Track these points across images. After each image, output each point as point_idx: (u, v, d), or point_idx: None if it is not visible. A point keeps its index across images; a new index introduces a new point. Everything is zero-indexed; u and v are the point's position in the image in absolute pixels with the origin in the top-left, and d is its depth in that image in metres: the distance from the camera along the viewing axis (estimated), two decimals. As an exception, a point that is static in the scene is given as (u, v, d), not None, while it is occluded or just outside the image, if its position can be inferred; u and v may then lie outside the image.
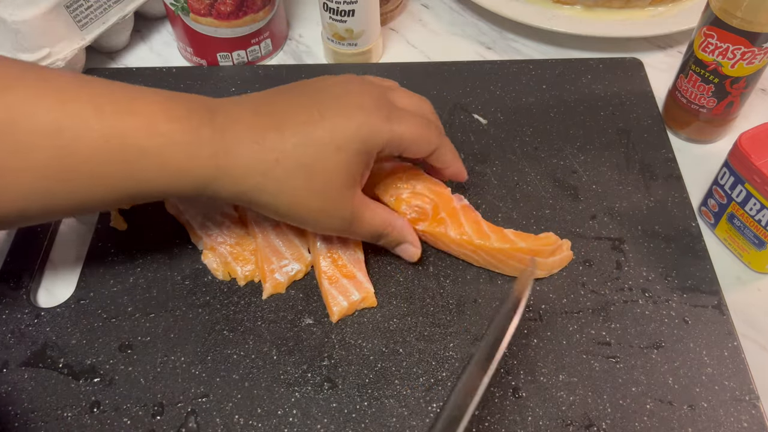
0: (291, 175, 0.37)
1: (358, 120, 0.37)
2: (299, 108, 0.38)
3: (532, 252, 0.43)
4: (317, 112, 0.37)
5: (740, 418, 0.38)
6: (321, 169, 0.37)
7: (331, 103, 0.38)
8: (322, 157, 0.37)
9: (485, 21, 0.66)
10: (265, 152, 0.36)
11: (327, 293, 0.43)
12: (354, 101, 0.38)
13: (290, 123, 0.37)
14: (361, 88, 0.40)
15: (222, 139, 0.36)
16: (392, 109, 0.39)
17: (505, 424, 0.38)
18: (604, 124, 0.54)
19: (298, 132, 0.37)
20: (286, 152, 0.36)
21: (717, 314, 0.43)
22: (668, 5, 0.61)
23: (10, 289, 0.45)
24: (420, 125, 0.40)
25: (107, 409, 0.39)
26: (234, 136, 0.36)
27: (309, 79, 0.41)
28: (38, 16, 0.52)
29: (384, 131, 0.38)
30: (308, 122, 0.37)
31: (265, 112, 0.38)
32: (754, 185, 0.42)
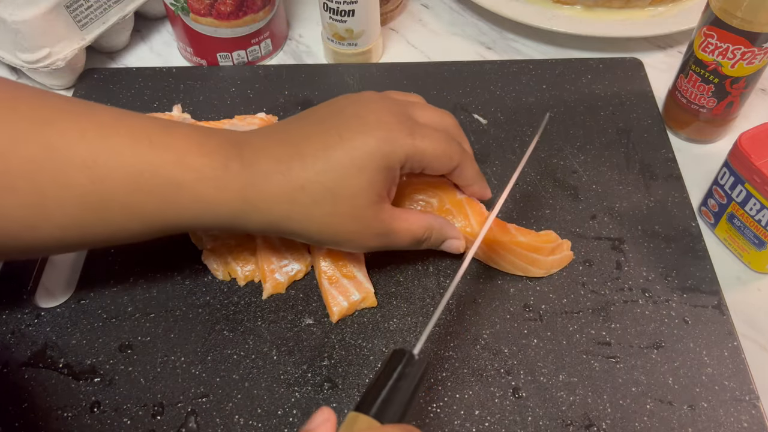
0: (317, 201, 0.37)
1: (377, 137, 0.37)
2: (319, 134, 0.38)
3: (532, 248, 0.43)
4: (336, 134, 0.37)
5: (740, 418, 0.38)
6: (346, 191, 0.37)
7: (350, 122, 0.38)
8: (345, 179, 0.37)
9: (485, 21, 0.66)
10: (290, 181, 0.36)
11: (327, 293, 0.43)
12: (373, 118, 0.38)
13: (311, 149, 0.37)
14: (381, 104, 0.39)
15: (249, 172, 0.36)
16: (413, 125, 0.39)
17: (505, 424, 0.38)
18: (604, 124, 0.54)
19: (320, 157, 0.37)
20: (309, 179, 0.36)
21: (717, 314, 0.43)
22: (668, 5, 0.61)
23: (10, 289, 0.45)
24: (442, 140, 0.40)
25: (107, 409, 0.39)
26: (260, 169, 0.36)
27: (330, 101, 0.41)
28: (38, 16, 0.52)
29: (405, 146, 0.38)
30: (328, 146, 0.37)
31: (287, 142, 0.38)
32: (754, 185, 0.42)
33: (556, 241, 0.44)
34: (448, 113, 0.44)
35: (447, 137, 0.41)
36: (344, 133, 0.37)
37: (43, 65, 0.54)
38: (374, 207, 0.38)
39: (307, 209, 0.37)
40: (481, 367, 0.41)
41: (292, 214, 0.37)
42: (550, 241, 0.44)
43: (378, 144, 0.37)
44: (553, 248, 0.44)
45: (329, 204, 0.37)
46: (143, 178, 0.34)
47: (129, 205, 0.35)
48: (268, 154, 0.37)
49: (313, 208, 0.37)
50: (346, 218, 0.38)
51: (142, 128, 0.36)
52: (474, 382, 0.40)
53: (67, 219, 0.34)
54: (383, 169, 0.37)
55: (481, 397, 0.39)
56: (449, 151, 0.40)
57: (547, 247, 0.44)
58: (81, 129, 0.34)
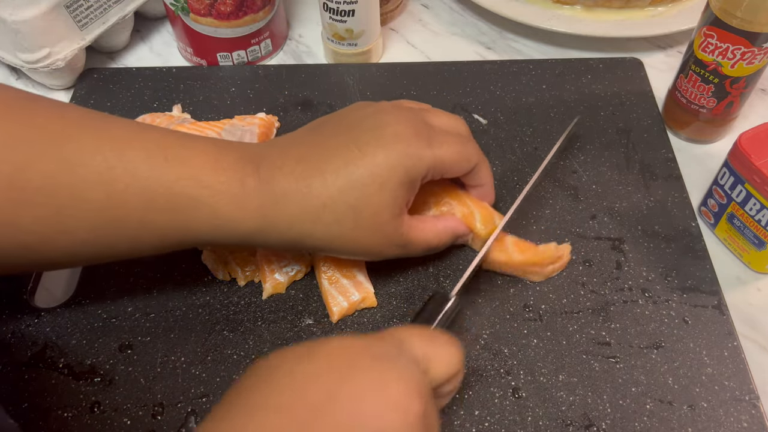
0: (339, 218, 0.37)
1: (398, 151, 0.37)
2: (339, 148, 0.37)
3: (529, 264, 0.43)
4: (357, 149, 0.37)
5: (740, 418, 0.38)
6: (368, 208, 0.37)
7: (369, 137, 0.38)
8: (367, 196, 0.37)
9: (485, 21, 0.66)
10: (311, 200, 0.36)
11: (327, 293, 0.43)
12: (391, 132, 0.38)
13: (332, 166, 0.37)
14: (397, 116, 0.39)
15: (268, 190, 0.36)
16: (430, 133, 0.39)
17: (505, 424, 0.38)
18: (604, 124, 0.54)
19: (341, 175, 0.36)
20: (331, 197, 0.36)
21: (717, 314, 0.43)
22: (668, 5, 0.61)
23: (10, 289, 0.45)
24: (460, 144, 0.40)
25: (107, 409, 0.39)
26: (279, 187, 0.36)
27: (343, 110, 0.41)
28: (38, 16, 0.52)
29: (426, 158, 0.38)
30: (349, 162, 0.37)
31: (305, 158, 0.37)
32: (754, 185, 0.42)
33: (555, 255, 0.44)
34: (458, 117, 0.44)
35: (463, 140, 0.41)
36: (364, 147, 0.37)
37: (43, 65, 0.54)
38: (396, 221, 0.38)
39: (330, 227, 0.37)
40: (481, 367, 0.41)
41: (314, 233, 0.37)
42: (548, 257, 0.43)
43: (400, 159, 0.37)
44: (553, 260, 0.44)
45: (352, 221, 0.37)
46: (158, 194, 0.34)
47: (145, 220, 0.35)
48: (286, 172, 0.37)
49: (335, 226, 0.37)
50: (368, 233, 0.38)
51: (157, 143, 0.35)
52: (474, 382, 0.40)
53: (84, 234, 0.34)
54: (405, 183, 0.37)
55: (481, 397, 0.39)
56: (467, 153, 0.40)
57: (546, 262, 0.43)
58: (97, 144, 0.34)
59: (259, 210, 0.36)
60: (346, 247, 0.38)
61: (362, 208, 0.37)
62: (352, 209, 0.37)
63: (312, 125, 0.41)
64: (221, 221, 0.36)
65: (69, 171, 0.33)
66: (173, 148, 0.35)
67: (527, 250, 0.43)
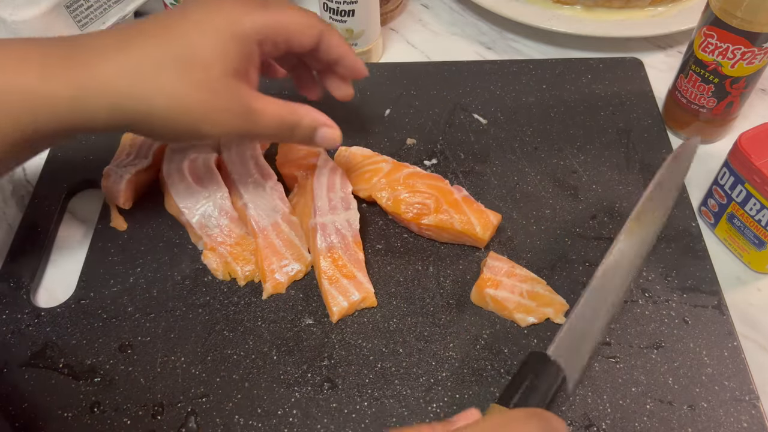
0: (162, 69, 0.34)
1: (225, 8, 0.36)
2: (165, 17, 0.36)
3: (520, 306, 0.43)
4: (182, 14, 0.36)
5: (740, 418, 0.38)
6: (196, 58, 0.34)
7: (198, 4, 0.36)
8: (194, 46, 0.34)
9: (485, 21, 0.66)
10: (130, 53, 0.34)
11: (327, 293, 0.43)
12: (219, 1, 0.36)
13: (156, 28, 0.35)
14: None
15: (80, 54, 0.34)
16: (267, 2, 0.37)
17: (505, 424, 0.38)
18: (604, 124, 0.54)
19: (166, 27, 0.35)
20: (153, 48, 0.34)
21: (717, 314, 0.43)
22: (668, 5, 0.61)
23: (10, 289, 0.45)
24: (299, 12, 0.38)
25: (107, 409, 0.39)
26: (95, 50, 0.34)
27: None
28: (38, 16, 0.52)
29: (256, 15, 0.36)
30: (172, 23, 0.35)
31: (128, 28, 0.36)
32: (754, 185, 0.42)
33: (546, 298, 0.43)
34: None
35: (304, 10, 0.39)
36: (190, 10, 0.36)
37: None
38: (231, 80, 0.36)
39: (153, 80, 0.34)
40: (481, 367, 0.41)
41: (134, 89, 0.34)
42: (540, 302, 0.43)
43: (228, 13, 0.35)
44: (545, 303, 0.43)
45: (176, 71, 0.34)
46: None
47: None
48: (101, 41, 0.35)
49: (159, 78, 0.34)
50: (198, 89, 0.35)
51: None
52: (474, 382, 0.40)
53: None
54: (237, 38, 0.35)
55: (481, 397, 0.39)
56: (308, 20, 0.39)
57: None
58: None
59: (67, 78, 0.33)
60: (171, 109, 0.35)
61: (188, 58, 0.34)
62: (178, 58, 0.34)
63: None
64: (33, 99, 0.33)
65: None
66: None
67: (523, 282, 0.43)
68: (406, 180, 0.46)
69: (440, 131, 0.53)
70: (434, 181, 0.46)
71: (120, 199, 0.47)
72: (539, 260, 0.45)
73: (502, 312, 0.42)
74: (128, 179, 0.47)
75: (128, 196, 0.47)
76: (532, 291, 0.42)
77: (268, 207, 0.45)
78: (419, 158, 0.51)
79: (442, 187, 0.46)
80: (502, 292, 0.42)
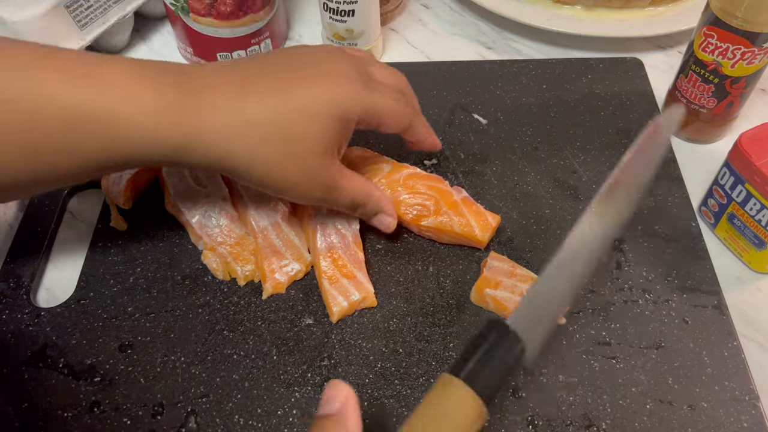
0: (265, 141, 0.36)
1: (335, 87, 0.37)
2: (276, 74, 0.37)
3: None
4: (293, 79, 0.36)
5: (740, 418, 0.38)
6: (297, 135, 0.36)
7: (309, 69, 0.37)
8: (297, 122, 0.36)
9: (485, 21, 0.66)
10: (241, 116, 0.35)
11: (327, 293, 0.43)
12: (332, 68, 0.38)
13: (266, 88, 0.36)
14: (339, 55, 0.39)
15: (193, 104, 0.35)
16: (370, 80, 0.39)
17: (505, 424, 0.38)
18: (604, 124, 0.54)
19: (273, 98, 0.36)
20: (261, 116, 0.35)
21: (717, 314, 0.43)
22: (668, 5, 0.61)
23: (10, 289, 0.45)
24: (397, 99, 0.40)
25: (107, 409, 0.39)
26: (206, 101, 0.35)
27: (291, 47, 0.41)
28: (38, 16, 0.52)
29: (362, 100, 0.37)
30: (284, 88, 0.36)
31: (239, 78, 0.36)
32: (754, 185, 0.42)
33: None
34: (400, 73, 0.43)
35: (402, 96, 0.41)
36: (302, 75, 0.37)
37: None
38: (325, 157, 0.37)
39: (256, 148, 0.36)
40: (481, 367, 0.41)
41: (238, 152, 0.36)
42: None
43: (337, 93, 0.36)
44: None
45: (278, 145, 0.36)
46: (73, 113, 0.33)
47: (63, 140, 0.33)
48: (215, 87, 0.35)
49: (262, 148, 0.36)
50: (293, 163, 0.37)
51: (70, 61, 0.34)
52: (474, 382, 0.40)
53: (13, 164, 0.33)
54: (339, 119, 0.37)
55: (481, 397, 0.39)
56: (404, 109, 0.40)
57: None
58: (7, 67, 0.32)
59: (179, 123, 0.34)
60: (269, 175, 0.37)
61: (292, 133, 0.36)
62: (282, 132, 0.36)
63: (253, 55, 0.40)
64: (141, 136, 0.34)
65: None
66: (89, 66, 0.34)
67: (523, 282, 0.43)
68: (406, 181, 0.46)
69: (440, 131, 0.53)
70: (434, 182, 0.46)
71: (120, 199, 0.47)
72: (539, 260, 0.45)
73: (502, 312, 0.42)
74: (128, 179, 0.47)
75: (128, 196, 0.47)
76: None
77: (268, 207, 0.45)
78: (419, 158, 0.51)
79: (442, 188, 0.46)
80: (502, 293, 0.42)
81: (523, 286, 0.42)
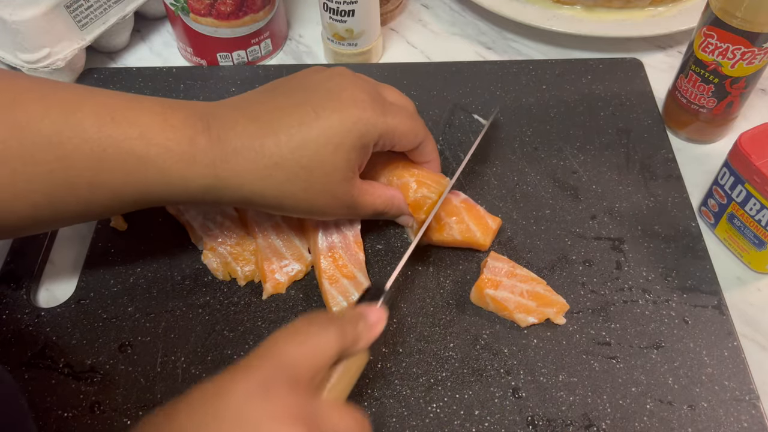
0: (291, 178, 0.37)
1: (353, 116, 0.38)
2: (293, 108, 0.38)
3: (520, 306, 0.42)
4: (312, 111, 0.37)
5: (740, 418, 0.38)
6: (320, 169, 0.37)
7: (325, 99, 0.38)
8: (320, 157, 0.37)
9: (485, 21, 0.66)
10: (264, 158, 0.36)
11: (327, 293, 0.43)
12: (348, 96, 0.38)
13: (286, 126, 0.37)
14: (354, 81, 0.40)
15: (219, 147, 0.36)
16: (384, 103, 0.40)
17: (505, 424, 0.38)
18: (604, 124, 0.54)
19: (295, 135, 0.37)
20: (284, 157, 0.37)
21: (717, 314, 0.43)
22: (668, 5, 0.61)
23: (10, 290, 0.45)
24: (410, 118, 0.41)
25: (107, 409, 0.39)
26: (231, 145, 0.36)
27: (301, 72, 0.41)
28: (38, 16, 0.52)
29: (379, 125, 0.39)
30: (303, 123, 0.37)
31: (260, 116, 0.38)
32: (754, 185, 0.42)
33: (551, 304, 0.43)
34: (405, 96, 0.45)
35: (413, 116, 0.42)
36: (320, 110, 0.37)
37: (43, 65, 0.54)
38: (347, 183, 0.39)
39: (282, 186, 0.37)
40: (481, 367, 0.41)
41: (265, 191, 0.37)
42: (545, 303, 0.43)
43: (354, 123, 0.37)
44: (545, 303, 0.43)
45: (303, 181, 0.37)
46: (107, 154, 0.35)
47: (96, 181, 0.35)
48: (238, 129, 0.37)
49: (287, 185, 0.37)
50: (318, 194, 0.38)
51: (105, 104, 0.36)
52: (474, 382, 0.40)
53: (38, 197, 0.35)
54: (358, 148, 0.38)
55: (481, 397, 0.39)
56: (416, 128, 0.42)
57: None
58: (45, 108, 0.34)
59: (209, 168, 0.36)
60: (296, 207, 0.39)
61: (314, 168, 0.37)
62: (305, 169, 0.37)
63: (266, 86, 0.41)
64: (171, 179, 0.36)
65: (19, 136, 0.33)
66: (121, 109, 0.36)
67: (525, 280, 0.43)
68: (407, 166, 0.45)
69: (440, 131, 0.53)
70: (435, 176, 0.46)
71: (120, 199, 0.47)
72: (539, 260, 0.45)
73: (502, 312, 0.42)
74: (128, 179, 0.47)
75: (128, 196, 0.47)
76: (533, 291, 0.42)
77: (268, 207, 0.45)
78: (419, 158, 0.51)
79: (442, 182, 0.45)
80: (502, 293, 0.42)
81: (523, 286, 0.42)
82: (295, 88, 0.40)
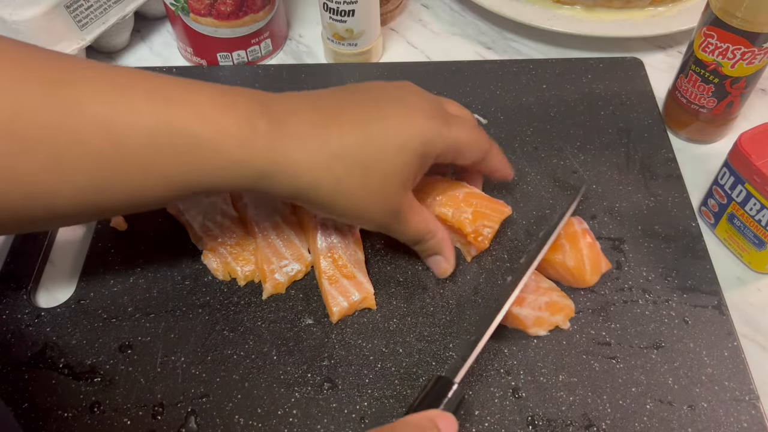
0: (350, 173, 0.36)
1: (420, 122, 0.37)
2: (359, 105, 0.37)
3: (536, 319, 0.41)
4: (377, 111, 0.37)
5: (740, 418, 0.38)
6: (380, 168, 0.36)
7: (392, 103, 0.38)
8: (382, 156, 0.36)
9: (485, 21, 0.66)
10: (324, 147, 0.35)
11: (327, 293, 0.43)
12: (414, 103, 0.38)
13: (349, 120, 0.36)
14: (419, 93, 0.40)
15: (279, 132, 0.35)
16: (449, 116, 0.40)
17: (505, 424, 0.38)
18: (604, 124, 0.54)
19: (358, 129, 0.36)
20: (346, 149, 0.36)
21: (717, 314, 0.43)
22: (668, 5, 0.61)
23: (10, 290, 0.45)
24: (474, 131, 0.41)
25: (107, 409, 0.39)
26: (291, 130, 0.35)
27: (362, 83, 0.41)
28: (38, 16, 0.52)
29: (444, 135, 0.38)
30: (369, 120, 0.36)
31: (322, 108, 0.37)
32: (754, 185, 0.42)
33: None
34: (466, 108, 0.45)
35: (475, 128, 0.42)
36: (386, 110, 0.37)
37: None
38: (402, 191, 0.38)
39: (339, 180, 0.36)
40: (481, 367, 0.41)
41: (321, 184, 0.36)
42: None
43: (420, 129, 0.37)
44: None
45: (360, 177, 0.36)
46: (160, 135, 0.33)
47: (147, 163, 0.33)
48: (300, 116, 0.36)
49: (344, 180, 0.36)
50: (373, 195, 0.37)
51: (159, 86, 0.34)
52: (474, 382, 0.40)
53: (87, 181, 0.33)
54: (420, 155, 0.37)
55: (481, 397, 0.39)
56: (480, 139, 0.41)
57: None
58: (96, 88, 0.33)
59: (268, 152, 0.34)
60: (348, 206, 0.37)
61: (374, 167, 0.36)
62: (364, 167, 0.36)
63: (330, 88, 0.40)
64: (227, 161, 0.34)
65: (68, 115, 0.32)
66: (176, 90, 0.34)
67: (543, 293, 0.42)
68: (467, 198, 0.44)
69: (440, 131, 0.53)
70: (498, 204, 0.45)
71: (120, 199, 0.47)
72: (539, 260, 0.45)
73: (514, 325, 0.42)
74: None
75: (128, 196, 0.47)
76: (550, 301, 0.42)
77: (268, 207, 0.45)
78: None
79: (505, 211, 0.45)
80: (525, 310, 0.41)
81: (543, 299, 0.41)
82: (360, 91, 0.39)
